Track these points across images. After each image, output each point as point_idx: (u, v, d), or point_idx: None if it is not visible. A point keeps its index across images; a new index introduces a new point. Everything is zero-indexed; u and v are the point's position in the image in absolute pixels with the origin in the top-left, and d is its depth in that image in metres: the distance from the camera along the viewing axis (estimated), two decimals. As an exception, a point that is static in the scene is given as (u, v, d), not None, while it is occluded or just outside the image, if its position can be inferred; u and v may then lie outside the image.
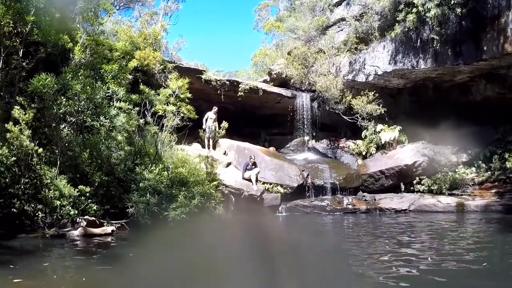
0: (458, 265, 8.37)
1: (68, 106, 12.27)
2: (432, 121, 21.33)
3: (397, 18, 19.04)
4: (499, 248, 10.63)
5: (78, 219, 11.39)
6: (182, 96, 16.83)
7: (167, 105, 15.58)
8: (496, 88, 18.98)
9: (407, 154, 20.03)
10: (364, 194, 19.43)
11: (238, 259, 9.20)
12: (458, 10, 16.77)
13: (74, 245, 10.42)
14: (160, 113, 15.30)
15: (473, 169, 19.45)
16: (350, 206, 18.17)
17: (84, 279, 7.51)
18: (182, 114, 16.15)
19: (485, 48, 16.78)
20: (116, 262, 9.04)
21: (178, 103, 16.27)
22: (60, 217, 11.33)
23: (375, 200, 18.65)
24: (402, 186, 19.69)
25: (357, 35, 21.82)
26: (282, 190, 18.46)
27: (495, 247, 10.78)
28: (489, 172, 18.76)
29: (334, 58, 22.77)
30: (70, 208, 11.29)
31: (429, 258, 8.74)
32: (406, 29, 18.84)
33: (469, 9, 16.81)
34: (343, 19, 23.27)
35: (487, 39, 16.67)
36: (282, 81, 24.52)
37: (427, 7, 17.41)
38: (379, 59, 20.56)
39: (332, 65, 22.72)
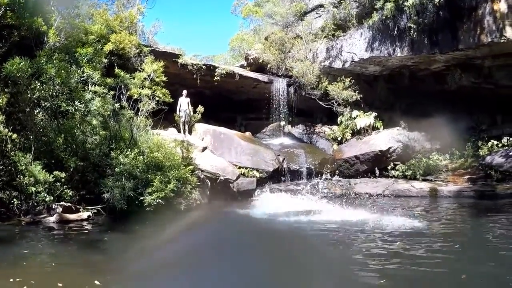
0: (430, 247, 8.67)
1: (42, 91, 12.11)
2: (408, 108, 21.65)
3: (375, 6, 19.12)
4: (471, 231, 10.98)
5: (53, 205, 11.37)
6: (157, 79, 16.74)
7: (142, 88, 15.49)
8: (471, 78, 19.22)
9: (382, 140, 20.23)
10: (339, 178, 19.60)
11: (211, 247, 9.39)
12: (436, 0, 16.89)
13: (49, 232, 10.44)
14: (135, 97, 15.21)
15: (447, 156, 19.77)
16: (325, 190, 18.36)
17: (53, 264, 7.69)
18: (157, 98, 16.10)
19: (461, 38, 16.96)
20: (90, 247, 9.17)
21: (153, 87, 16.20)
22: (35, 204, 11.28)
23: (350, 184, 18.86)
24: (377, 171, 19.92)
25: (335, 22, 21.87)
26: (258, 175, 18.53)
27: (467, 230, 11.13)
28: (463, 159, 19.11)
29: (311, 44, 22.79)
30: (45, 194, 11.22)
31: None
32: (384, 17, 18.91)
33: (447, -1, 16.98)
34: (321, 6, 23.25)
35: (463, 30, 16.85)
36: (259, 66, 24.50)
37: (406, -4, 17.54)
38: (356, 46, 20.66)
39: (309, 51, 22.77)
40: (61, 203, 11.51)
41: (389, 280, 6.59)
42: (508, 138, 18.68)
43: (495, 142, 18.81)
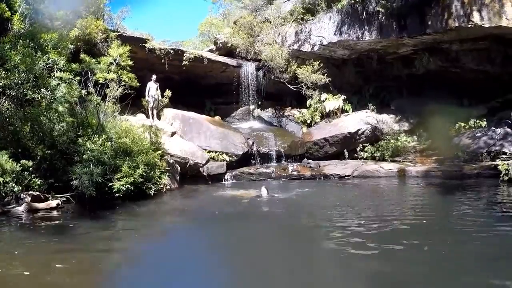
0: (400, 222, 9.26)
1: (7, 79, 11.97)
2: (376, 91, 21.90)
3: (345, -10, 19.19)
4: (438, 208, 11.44)
5: (22, 195, 11.28)
6: (123, 63, 16.63)
7: (108, 73, 15.41)
8: (438, 62, 19.46)
9: (351, 122, 20.47)
10: (309, 161, 19.91)
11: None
12: (405, -15, 17.04)
13: (18, 221, 10.41)
14: (101, 81, 15.12)
15: (415, 137, 20.00)
16: (295, 173, 18.62)
17: (21, 253, 7.77)
18: (123, 83, 16.02)
19: (429, 22, 17.14)
20: (57, 234, 9.26)
21: (119, 71, 16.10)
22: (4, 195, 11.15)
23: (319, 166, 19.11)
24: (346, 153, 20.16)
25: (304, 6, 21.81)
26: (227, 158, 18.68)
27: (434, 207, 11.56)
28: (430, 141, 19.38)
29: (280, 28, 22.74)
30: (13, 184, 11.15)
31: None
32: (353, 1, 19.01)
33: (416, -16, 17.11)
34: (290, -11, 23.22)
35: (431, 14, 17.02)
36: (228, 51, 24.39)
37: (374, -20, 17.66)
38: (325, 29, 20.69)
39: (278, 34, 22.75)
40: (30, 192, 11.43)
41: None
42: (474, 120, 18.93)
43: (462, 124, 19.04)
